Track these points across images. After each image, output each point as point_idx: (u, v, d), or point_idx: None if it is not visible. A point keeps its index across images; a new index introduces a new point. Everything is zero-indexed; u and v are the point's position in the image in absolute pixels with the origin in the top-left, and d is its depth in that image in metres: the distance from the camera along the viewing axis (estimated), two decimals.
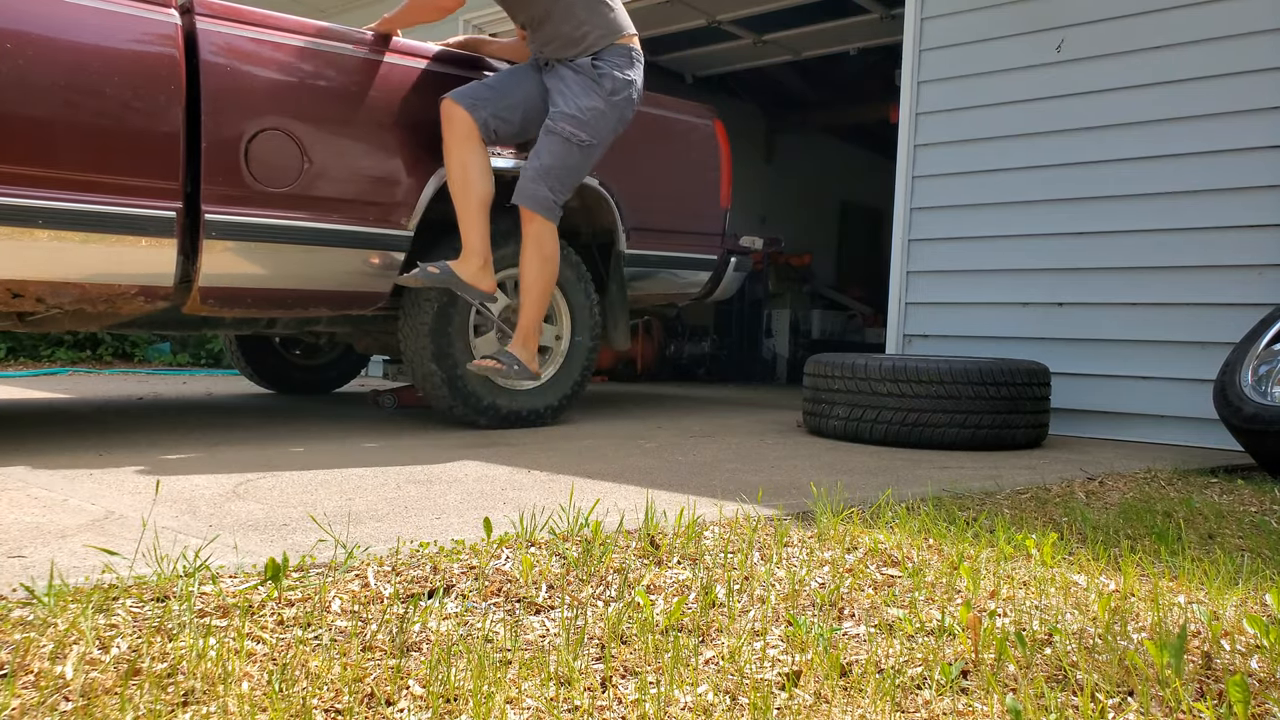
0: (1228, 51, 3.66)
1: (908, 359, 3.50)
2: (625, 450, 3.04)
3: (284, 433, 3.22)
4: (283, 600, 1.33)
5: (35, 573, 1.40)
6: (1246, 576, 1.64)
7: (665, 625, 1.29)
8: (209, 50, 2.86)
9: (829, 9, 6.35)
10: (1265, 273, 3.58)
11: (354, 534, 1.73)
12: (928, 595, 1.47)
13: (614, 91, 3.22)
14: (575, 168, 3.25)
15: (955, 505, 2.21)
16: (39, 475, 2.26)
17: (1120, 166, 3.90)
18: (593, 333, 3.77)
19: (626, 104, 3.30)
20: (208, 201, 2.87)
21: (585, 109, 3.20)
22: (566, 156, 3.20)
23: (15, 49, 2.56)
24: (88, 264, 2.72)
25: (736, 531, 1.85)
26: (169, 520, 1.81)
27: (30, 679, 1.04)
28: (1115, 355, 3.92)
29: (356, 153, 3.17)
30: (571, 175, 3.25)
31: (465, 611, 1.34)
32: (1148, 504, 2.34)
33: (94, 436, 2.99)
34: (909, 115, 4.46)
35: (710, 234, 4.34)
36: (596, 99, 3.21)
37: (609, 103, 3.22)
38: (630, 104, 3.32)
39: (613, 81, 3.21)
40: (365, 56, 3.19)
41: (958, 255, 4.33)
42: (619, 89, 3.23)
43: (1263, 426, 2.90)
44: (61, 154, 2.64)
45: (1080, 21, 4.00)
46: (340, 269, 3.18)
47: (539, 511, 1.95)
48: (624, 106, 3.29)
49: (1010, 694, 1.10)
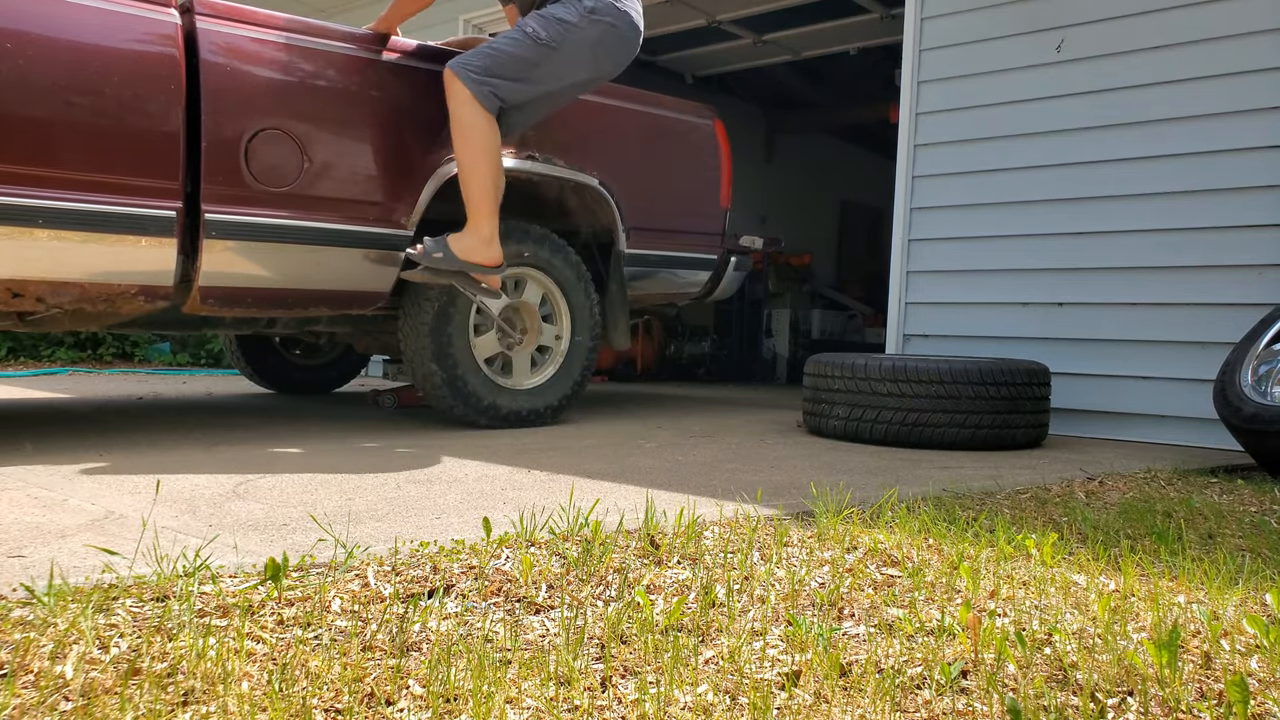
0: (1228, 51, 3.66)
1: (908, 359, 3.50)
2: (625, 450, 3.04)
3: (284, 433, 3.22)
4: (283, 600, 1.33)
5: (35, 572, 1.40)
6: (1246, 576, 1.64)
7: (665, 625, 1.29)
8: (209, 50, 2.86)
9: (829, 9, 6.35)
10: (1265, 273, 3.58)
11: (354, 534, 1.73)
12: (927, 595, 1.47)
13: (592, 11, 3.14)
14: (526, 61, 3.13)
15: (955, 505, 2.21)
16: (39, 475, 2.26)
17: (1120, 166, 3.90)
18: (593, 332, 3.77)
19: (608, 31, 3.17)
20: (208, 201, 2.87)
21: (554, 16, 3.13)
22: (518, 47, 3.12)
23: (16, 49, 2.56)
24: (88, 264, 2.72)
25: (736, 531, 1.85)
26: (169, 520, 1.81)
27: (30, 679, 1.04)
28: (1115, 355, 3.92)
29: (356, 152, 3.17)
30: (517, 67, 3.12)
31: (465, 611, 1.34)
32: (1148, 504, 2.34)
33: (94, 436, 2.99)
34: (909, 115, 4.46)
35: (710, 234, 4.34)
36: (570, 11, 3.13)
37: (584, 18, 3.13)
38: (614, 33, 3.18)
39: (596, 1, 3.14)
40: (365, 56, 3.19)
41: (958, 255, 4.33)
42: (599, 9, 3.14)
43: (1263, 426, 2.90)
44: (62, 154, 2.64)
45: (1080, 21, 4.00)
46: (340, 268, 3.18)
47: (539, 511, 1.95)
48: (603, 30, 3.16)
49: (1010, 694, 1.10)
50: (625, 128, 4.01)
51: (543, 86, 3.22)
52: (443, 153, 3.31)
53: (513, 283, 3.58)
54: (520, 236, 3.50)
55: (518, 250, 3.49)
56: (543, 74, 3.19)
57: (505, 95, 3.15)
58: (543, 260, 3.59)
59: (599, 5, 3.15)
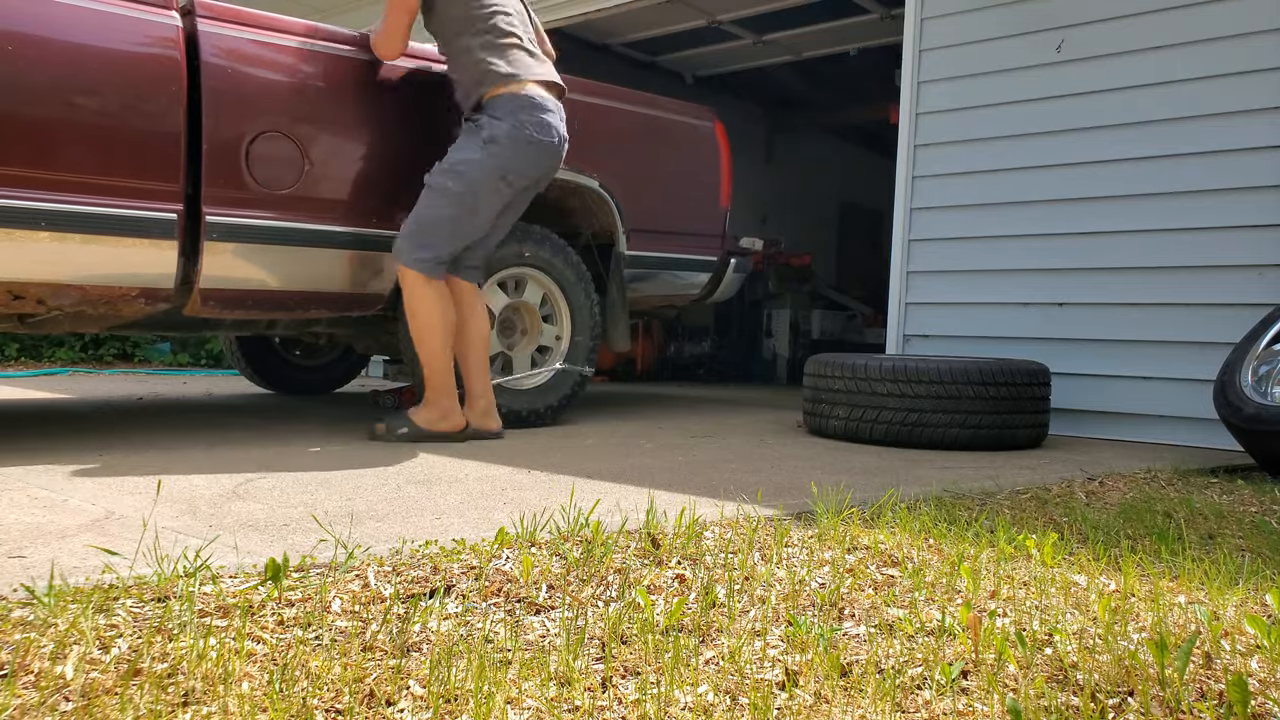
0: (1228, 51, 3.66)
1: (908, 359, 3.50)
2: (625, 450, 3.04)
3: (284, 433, 3.22)
4: (283, 600, 1.33)
5: (35, 573, 1.40)
6: (1247, 576, 1.64)
7: (666, 625, 1.29)
8: (210, 52, 2.86)
9: (829, 9, 6.35)
10: (1265, 273, 3.58)
11: (354, 534, 1.73)
12: (928, 595, 1.47)
13: (491, 140, 3.02)
14: (450, 217, 3.04)
15: (956, 505, 2.21)
16: (39, 475, 2.26)
17: (1120, 166, 3.90)
18: (593, 333, 3.77)
19: (514, 153, 3.05)
20: (208, 203, 2.87)
21: (455, 162, 3.04)
22: (438, 209, 3.03)
23: (17, 51, 2.56)
24: (89, 266, 2.72)
25: (737, 532, 1.85)
26: (169, 520, 1.81)
27: (30, 679, 1.05)
28: (1115, 355, 3.92)
29: (357, 155, 3.17)
30: (445, 226, 3.04)
31: (466, 612, 1.34)
32: (1148, 504, 2.34)
33: (94, 436, 2.99)
34: (909, 115, 4.46)
35: (710, 235, 4.34)
36: (470, 148, 3.04)
37: (486, 151, 3.02)
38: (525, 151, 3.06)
39: (490, 129, 3.03)
40: (365, 58, 3.19)
41: (958, 255, 4.34)
42: (496, 136, 3.03)
43: (1263, 426, 2.90)
44: (63, 156, 2.64)
45: (1080, 21, 4.00)
46: (341, 271, 3.18)
47: (539, 511, 1.95)
48: (507, 154, 3.04)
49: (1010, 694, 1.10)
50: (625, 130, 4.02)
51: (481, 221, 3.11)
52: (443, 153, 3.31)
53: (513, 283, 3.58)
54: (520, 236, 3.50)
55: (518, 250, 3.49)
56: (473, 217, 3.08)
57: (449, 251, 3.08)
58: (543, 260, 3.59)
59: (495, 132, 3.03)
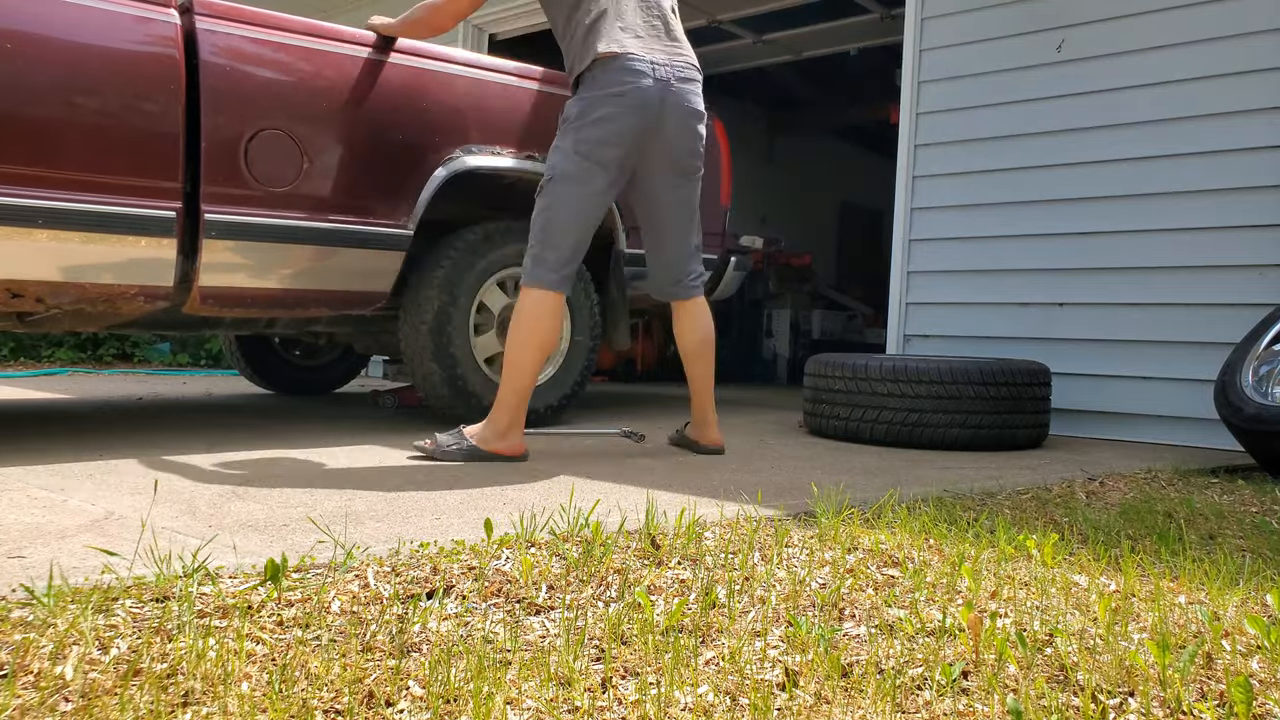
0: (1228, 51, 3.66)
1: (908, 359, 3.50)
2: (625, 450, 3.04)
3: (284, 433, 3.22)
4: (282, 601, 1.33)
5: (35, 573, 1.40)
6: (1247, 577, 1.64)
7: (666, 626, 1.29)
8: (209, 50, 2.86)
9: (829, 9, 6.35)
10: (1265, 273, 3.58)
11: (354, 534, 1.73)
12: (928, 596, 1.46)
13: (566, 118, 2.86)
14: (547, 208, 2.82)
15: (956, 505, 2.21)
16: (39, 475, 2.26)
17: (1120, 166, 3.90)
18: (593, 332, 3.77)
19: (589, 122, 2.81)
20: (207, 201, 2.87)
21: (552, 151, 2.88)
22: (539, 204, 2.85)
23: (15, 49, 2.55)
24: (87, 264, 2.72)
25: (737, 532, 1.85)
26: (168, 520, 1.81)
27: (30, 679, 1.04)
28: (1116, 355, 3.92)
29: (356, 152, 3.17)
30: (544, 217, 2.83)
31: (465, 612, 1.34)
32: (1148, 504, 2.33)
33: (94, 436, 2.99)
34: (909, 115, 4.46)
35: (710, 234, 4.33)
36: (559, 137, 2.88)
37: (563, 132, 2.85)
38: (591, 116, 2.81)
39: (568, 109, 2.87)
40: (365, 56, 3.19)
41: (958, 255, 4.33)
42: (569, 115, 2.85)
43: (1264, 426, 2.90)
44: (61, 154, 2.64)
45: (1080, 21, 4.00)
46: (340, 269, 3.17)
47: (539, 512, 1.95)
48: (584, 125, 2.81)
49: (1011, 694, 1.10)
50: None
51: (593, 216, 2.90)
52: (443, 153, 3.31)
53: (513, 283, 3.58)
54: (521, 236, 3.49)
55: (518, 250, 3.48)
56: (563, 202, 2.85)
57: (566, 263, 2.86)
58: None
59: (568, 112, 2.86)
